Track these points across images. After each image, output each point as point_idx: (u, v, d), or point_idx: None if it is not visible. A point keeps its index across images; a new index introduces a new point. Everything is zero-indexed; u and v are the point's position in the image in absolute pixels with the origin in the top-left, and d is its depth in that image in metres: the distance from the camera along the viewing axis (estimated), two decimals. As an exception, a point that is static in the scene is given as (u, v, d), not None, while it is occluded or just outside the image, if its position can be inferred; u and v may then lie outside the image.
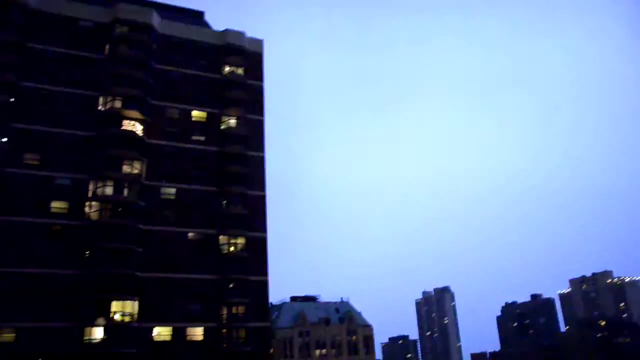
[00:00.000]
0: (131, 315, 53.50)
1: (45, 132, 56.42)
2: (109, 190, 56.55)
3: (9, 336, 49.20)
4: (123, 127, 58.90)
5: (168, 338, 55.56)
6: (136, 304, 54.20)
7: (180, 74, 65.41)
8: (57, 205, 54.68)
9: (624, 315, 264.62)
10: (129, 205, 56.96)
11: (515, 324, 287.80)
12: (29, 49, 58.43)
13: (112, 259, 53.71)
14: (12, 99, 56.01)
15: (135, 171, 58.52)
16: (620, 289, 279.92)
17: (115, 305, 52.96)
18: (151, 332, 54.90)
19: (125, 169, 58.15)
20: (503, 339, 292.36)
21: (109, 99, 59.64)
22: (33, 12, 59.71)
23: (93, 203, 55.83)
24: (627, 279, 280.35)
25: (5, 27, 57.57)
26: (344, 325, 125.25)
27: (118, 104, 59.61)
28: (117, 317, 52.77)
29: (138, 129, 59.73)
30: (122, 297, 53.36)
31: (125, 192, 57.37)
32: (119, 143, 58.07)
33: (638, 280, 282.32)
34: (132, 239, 55.64)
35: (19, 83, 56.63)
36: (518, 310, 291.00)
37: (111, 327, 51.96)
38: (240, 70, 69.07)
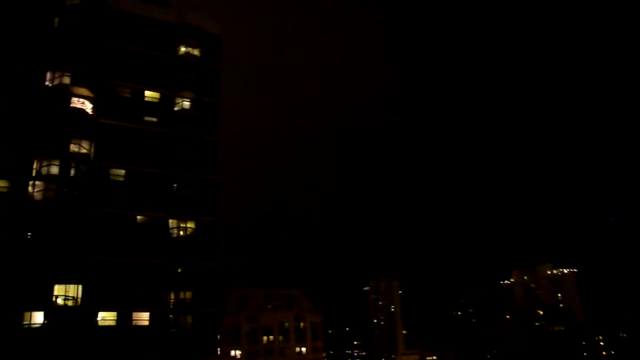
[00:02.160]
0: (74, 299, 51.87)
1: (-13, 106, 53.52)
2: (54, 170, 54.28)
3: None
4: (72, 105, 56.58)
5: (113, 323, 54.23)
6: (80, 288, 52.53)
7: (135, 52, 63.28)
8: (-2, 183, 52.18)
9: (561, 305, 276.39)
10: (75, 186, 54.97)
11: (460, 313, 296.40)
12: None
13: (56, 241, 51.76)
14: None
15: (84, 151, 56.47)
16: (558, 280, 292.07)
17: (57, 289, 51.07)
18: (95, 316, 53.46)
19: (73, 148, 55.97)
20: (447, 328, 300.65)
21: (57, 75, 57.11)
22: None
23: (37, 182, 53.47)
24: (566, 271, 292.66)
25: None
26: (292, 311, 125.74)
27: (67, 79, 57.13)
28: (59, 301, 51.04)
29: (88, 107, 57.53)
30: (65, 281, 51.57)
31: (72, 172, 55.30)
32: (66, 121, 55.78)
33: (574, 272, 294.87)
34: (78, 221, 53.79)
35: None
36: (462, 300, 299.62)
37: (53, 311, 50.24)
38: (196, 52, 67.50)
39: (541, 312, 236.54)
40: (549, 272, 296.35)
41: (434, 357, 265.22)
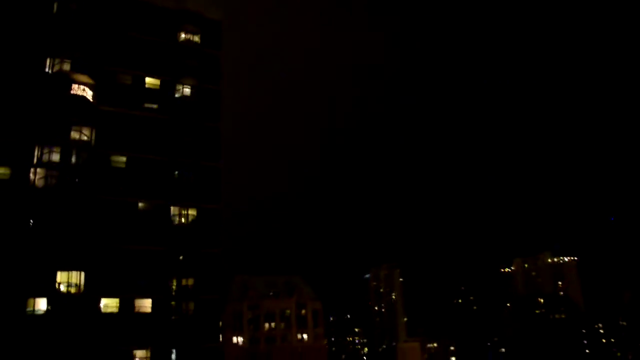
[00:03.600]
0: (77, 286, 51.97)
1: (-13, 93, 53.27)
2: (55, 157, 54.20)
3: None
4: (72, 91, 56.33)
5: (115, 310, 54.32)
6: (82, 275, 52.64)
7: (135, 38, 62.74)
8: (-1, 170, 52.11)
9: (561, 293, 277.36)
10: (77, 173, 54.88)
11: (461, 301, 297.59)
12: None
13: (58, 228, 51.78)
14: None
15: (85, 138, 56.30)
16: (559, 268, 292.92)
17: (60, 276, 51.23)
18: (98, 303, 53.57)
19: (74, 135, 55.80)
20: (448, 316, 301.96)
21: (57, 61, 56.80)
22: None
23: (38, 169, 53.37)
24: (566, 259, 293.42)
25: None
26: (293, 298, 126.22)
27: (67, 66, 56.83)
28: (62, 288, 51.16)
29: (88, 94, 57.27)
30: (67, 268, 51.67)
31: (73, 159, 55.20)
32: (67, 107, 55.56)
33: (575, 260, 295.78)
34: (80, 208, 53.75)
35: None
36: (463, 288, 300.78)
37: (56, 298, 50.38)
38: (196, 38, 67.03)
39: (541, 300, 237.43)
40: (549, 260, 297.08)
41: (435, 345, 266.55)
